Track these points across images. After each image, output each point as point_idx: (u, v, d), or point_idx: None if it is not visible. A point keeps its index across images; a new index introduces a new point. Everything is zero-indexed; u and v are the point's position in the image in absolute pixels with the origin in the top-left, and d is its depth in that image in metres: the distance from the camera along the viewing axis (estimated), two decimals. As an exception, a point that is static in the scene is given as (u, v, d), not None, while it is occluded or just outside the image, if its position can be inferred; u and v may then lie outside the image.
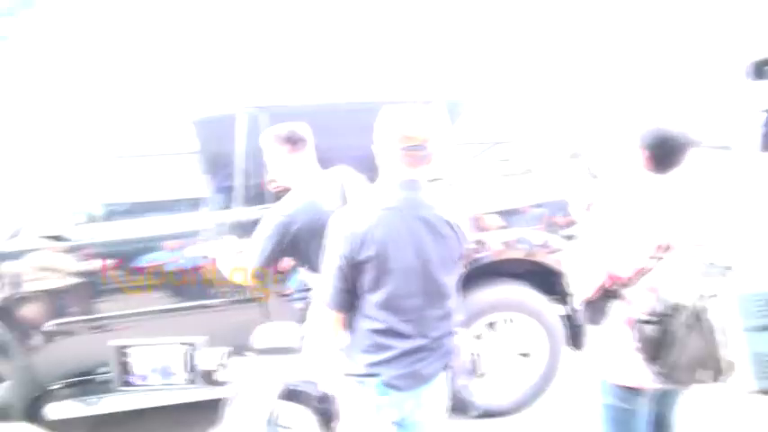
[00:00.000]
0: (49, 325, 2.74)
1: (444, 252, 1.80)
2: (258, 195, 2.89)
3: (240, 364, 1.45)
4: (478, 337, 3.17)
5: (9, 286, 2.67)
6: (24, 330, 2.72)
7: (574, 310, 3.23)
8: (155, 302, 2.82)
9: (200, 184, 3.13)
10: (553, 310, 3.24)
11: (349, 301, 1.80)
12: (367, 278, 1.75)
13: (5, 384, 2.72)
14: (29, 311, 2.74)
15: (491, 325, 3.19)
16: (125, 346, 1.36)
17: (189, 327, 2.65)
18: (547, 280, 3.25)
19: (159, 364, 1.34)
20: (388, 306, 1.76)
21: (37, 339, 2.74)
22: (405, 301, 1.77)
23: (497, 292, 3.16)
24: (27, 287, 2.71)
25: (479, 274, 3.13)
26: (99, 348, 2.76)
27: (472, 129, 3.31)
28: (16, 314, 2.70)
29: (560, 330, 3.24)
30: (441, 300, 1.82)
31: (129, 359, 1.34)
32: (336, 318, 1.83)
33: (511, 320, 3.20)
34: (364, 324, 1.79)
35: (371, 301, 1.77)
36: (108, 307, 2.82)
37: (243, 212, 2.88)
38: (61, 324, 2.76)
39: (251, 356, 1.64)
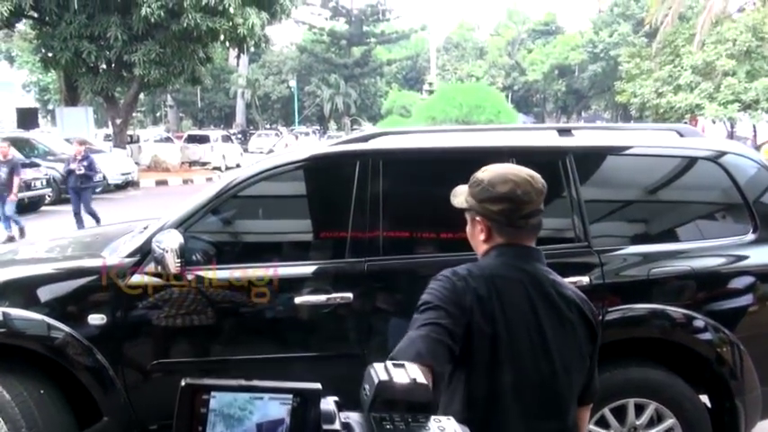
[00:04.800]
0: (155, 363, 2.70)
1: (572, 347, 1.39)
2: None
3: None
4: (603, 423, 2.76)
5: (117, 317, 2.67)
6: (127, 366, 2.70)
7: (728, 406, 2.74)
8: (266, 349, 2.73)
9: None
10: (695, 401, 2.76)
11: (450, 356, 1.27)
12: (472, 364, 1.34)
13: (103, 421, 2.70)
14: (134, 346, 2.74)
15: (618, 410, 2.76)
16: (203, 388, 0.80)
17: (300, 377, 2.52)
18: (691, 364, 2.79)
19: (250, 421, 0.79)
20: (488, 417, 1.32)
21: (140, 376, 2.71)
22: (513, 412, 1.33)
23: (627, 373, 2.75)
24: (136, 320, 2.69)
25: (608, 352, 2.75)
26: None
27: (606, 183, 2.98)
28: (121, 348, 2.69)
29: (704, 426, 2.74)
30: (559, 414, 1.38)
31: (205, 409, 0.79)
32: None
33: (641, 408, 2.76)
34: None
35: (467, 401, 1.34)
36: (217, 350, 2.76)
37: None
38: (167, 363, 2.72)
39: None
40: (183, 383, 0.80)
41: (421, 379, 0.95)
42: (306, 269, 2.78)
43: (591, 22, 43.45)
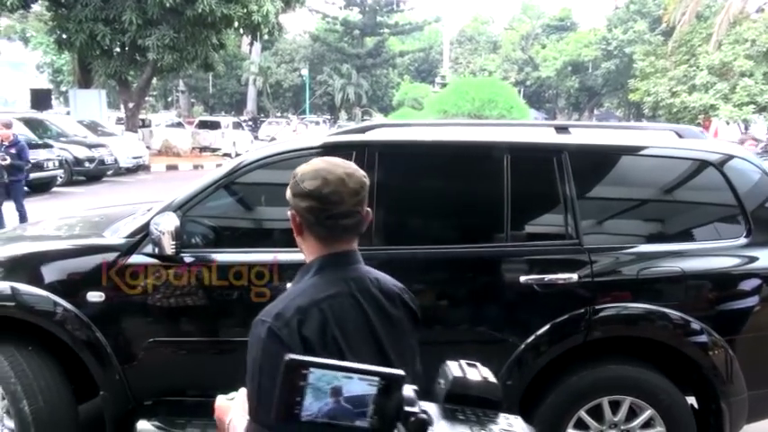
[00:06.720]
0: (150, 341, 2.77)
1: (404, 342, 1.40)
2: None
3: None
4: (581, 425, 2.78)
5: (115, 295, 2.73)
6: (124, 343, 2.77)
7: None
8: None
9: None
10: (670, 391, 2.75)
11: None
12: None
13: (100, 395, 2.77)
14: (131, 324, 2.80)
15: (594, 410, 2.76)
16: (303, 364, 0.93)
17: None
18: (677, 365, 2.81)
19: (338, 396, 0.93)
20: None
21: (136, 353, 2.78)
22: None
23: (600, 372, 2.77)
24: (133, 299, 2.76)
25: (584, 351, 2.77)
26: (196, 369, 2.83)
27: (600, 182, 3.00)
28: (118, 325, 2.76)
29: (683, 414, 2.76)
30: None
31: (304, 382, 0.92)
32: None
33: (617, 404, 2.76)
34: None
35: None
36: (211, 331, 2.82)
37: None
38: (162, 342, 2.79)
39: None
40: (287, 359, 0.92)
41: (492, 378, 1.03)
42: (298, 256, 2.81)
43: (606, 19, 43.04)
